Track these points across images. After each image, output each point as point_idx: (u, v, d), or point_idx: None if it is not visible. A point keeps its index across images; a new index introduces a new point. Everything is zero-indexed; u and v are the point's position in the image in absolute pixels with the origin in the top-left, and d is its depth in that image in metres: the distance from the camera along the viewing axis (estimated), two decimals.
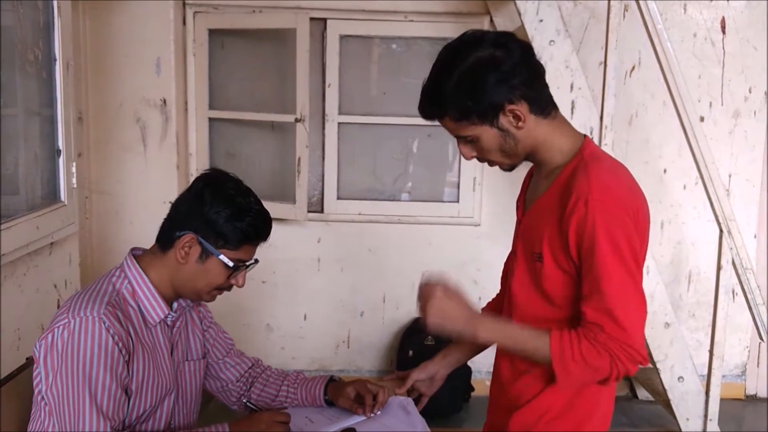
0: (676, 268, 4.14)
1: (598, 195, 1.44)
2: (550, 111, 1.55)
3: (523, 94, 1.48)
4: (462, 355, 1.97)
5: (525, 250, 1.61)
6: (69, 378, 1.56)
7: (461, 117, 1.51)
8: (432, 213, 4.17)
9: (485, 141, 1.53)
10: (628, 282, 1.46)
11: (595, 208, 1.44)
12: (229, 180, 1.75)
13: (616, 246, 1.44)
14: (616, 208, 1.45)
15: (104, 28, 3.67)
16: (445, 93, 1.50)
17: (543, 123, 1.53)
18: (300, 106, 3.79)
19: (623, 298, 1.45)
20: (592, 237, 1.44)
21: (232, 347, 2.02)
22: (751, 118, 4.02)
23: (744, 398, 4.28)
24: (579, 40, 3.83)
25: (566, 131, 1.58)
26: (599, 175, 1.48)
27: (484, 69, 1.47)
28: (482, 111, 1.49)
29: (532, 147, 1.55)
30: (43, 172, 2.69)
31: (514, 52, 1.48)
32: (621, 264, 1.45)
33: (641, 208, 1.51)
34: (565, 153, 1.56)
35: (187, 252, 1.70)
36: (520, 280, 1.62)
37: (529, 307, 1.60)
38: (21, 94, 2.57)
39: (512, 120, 1.50)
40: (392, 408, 1.94)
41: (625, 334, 1.44)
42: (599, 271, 1.45)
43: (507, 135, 1.52)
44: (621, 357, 1.45)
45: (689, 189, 4.05)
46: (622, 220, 1.45)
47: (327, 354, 4.24)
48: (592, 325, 1.46)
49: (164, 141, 3.81)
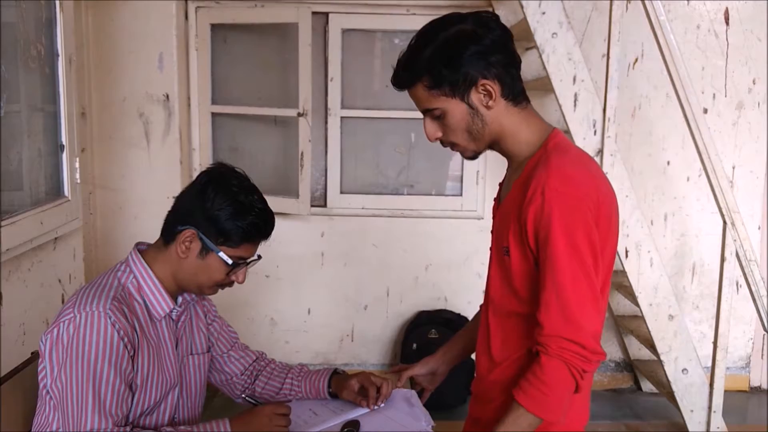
0: (680, 260, 4.14)
1: (555, 185, 1.43)
2: (521, 101, 1.55)
3: (497, 74, 1.49)
4: (463, 350, 1.98)
5: (497, 245, 1.61)
6: (73, 373, 1.57)
7: (434, 85, 1.50)
8: (435, 207, 4.17)
9: (453, 117, 1.52)
10: (580, 276, 1.44)
11: (552, 198, 1.43)
12: (233, 176, 1.74)
13: (572, 240, 1.43)
14: (574, 199, 1.44)
15: (107, 24, 3.67)
16: (422, 59, 1.50)
17: (513, 111, 1.54)
18: (302, 101, 3.79)
19: (575, 291, 1.43)
20: (547, 228, 1.43)
21: (237, 341, 2.03)
22: (754, 109, 4.01)
23: (748, 390, 4.28)
24: (582, 32, 3.82)
25: (534, 123, 1.57)
26: (559, 166, 1.47)
27: (465, 40, 1.47)
28: (455, 81, 1.48)
29: (498, 133, 1.55)
30: (46, 167, 2.70)
31: (495, 32, 1.49)
32: (575, 257, 1.43)
33: (604, 201, 1.49)
34: (532, 145, 1.56)
35: (188, 247, 1.70)
36: (493, 276, 1.62)
37: (503, 303, 1.60)
38: (24, 90, 2.58)
39: (483, 98, 1.50)
40: (396, 400, 1.94)
41: (574, 331, 1.43)
42: (553, 264, 1.43)
43: (476, 114, 1.51)
44: (574, 362, 1.43)
45: (693, 181, 4.04)
46: (580, 211, 1.44)
47: (331, 348, 4.25)
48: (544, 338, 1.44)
49: (167, 136, 3.81)
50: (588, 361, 1.44)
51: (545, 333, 1.45)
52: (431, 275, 4.18)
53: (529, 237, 1.47)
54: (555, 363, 1.44)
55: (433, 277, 4.18)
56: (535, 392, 1.46)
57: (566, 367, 1.44)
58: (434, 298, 4.19)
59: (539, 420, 1.48)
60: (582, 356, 1.44)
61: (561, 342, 1.43)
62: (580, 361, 1.44)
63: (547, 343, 1.44)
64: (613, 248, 1.56)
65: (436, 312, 4.10)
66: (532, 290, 1.52)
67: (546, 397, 1.46)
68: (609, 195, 1.54)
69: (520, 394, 1.48)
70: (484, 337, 1.67)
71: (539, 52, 3.13)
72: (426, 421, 1.84)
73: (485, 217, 4.12)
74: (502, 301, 1.60)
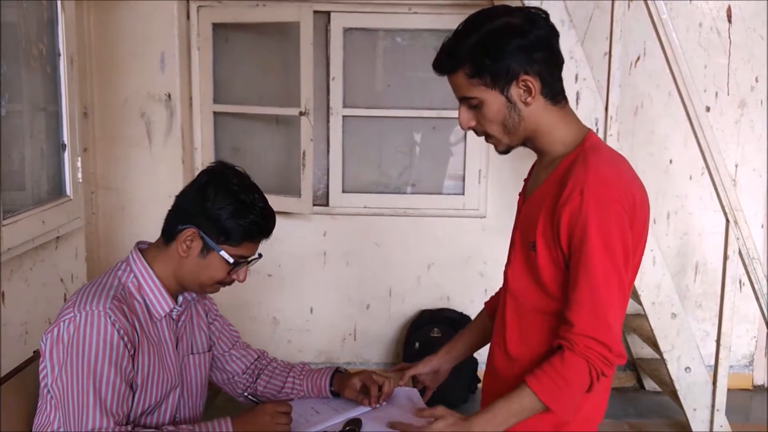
0: (682, 259, 4.13)
1: (594, 185, 1.43)
2: (560, 100, 1.55)
3: (539, 71, 1.49)
4: (465, 349, 1.98)
5: (522, 239, 1.61)
6: (74, 372, 1.57)
7: (475, 74, 1.50)
8: (437, 205, 4.17)
9: (490, 108, 1.52)
10: (613, 279, 1.45)
11: (590, 199, 1.43)
12: (233, 175, 1.74)
13: (608, 242, 1.43)
14: (611, 200, 1.44)
15: (108, 24, 3.68)
16: (466, 46, 1.50)
17: (551, 109, 1.53)
18: (304, 100, 3.79)
19: (607, 293, 1.44)
20: (584, 229, 1.43)
21: (238, 340, 2.03)
22: (757, 107, 4.00)
23: (751, 389, 4.26)
24: (583, 30, 3.82)
25: (571, 123, 1.58)
26: (597, 166, 1.47)
27: (511, 33, 1.48)
28: (497, 73, 1.48)
29: (533, 130, 1.55)
30: (48, 167, 2.70)
31: (542, 29, 1.50)
32: (610, 260, 1.44)
33: (638, 200, 1.50)
34: (568, 144, 1.55)
35: (189, 246, 1.70)
36: (516, 270, 1.62)
37: (526, 298, 1.60)
38: (26, 90, 2.58)
39: (522, 93, 1.49)
40: (398, 399, 1.94)
41: (604, 331, 1.44)
42: (588, 265, 1.44)
43: (513, 108, 1.51)
44: (597, 363, 1.44)
45: (695, 179, 4.03)
46: (617, 214, 1.44)
47: (333, 347, 4.25)
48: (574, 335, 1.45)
49: (169, 136, 3.82)
50: (609, 365, 1.46)
51: (575, 331, 1.45)
52: (433, 274, 4.18)
53: (561, 236, 1.47)
54: (578, 361, 1.45)
55: (436, 276, 4.18)
56: (550, 383, 1.47)
57: (587, 366, 1.45)
58: (436, 297, 4.19)
59: (544, 408, 1.48)
60: (606, 358, 1.45)
61: (589, 342, 1.44)
62: (602, 363, 1.45)
63: (575, 341, 1.45)
64: (644, 248, 1.57)
65: (439, 311, 4.10)
66: (560, 286, 1.52)
67: (561, 390, 1.46)
68: (643, 195, 1.54)
69: (533, 380, 1.48)
70: (500, 332, 1.67)
71: None
72: None
73: (487, 216, 4.12)
74: (524, 297, 1.60)
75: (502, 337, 1.66)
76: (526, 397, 1.48)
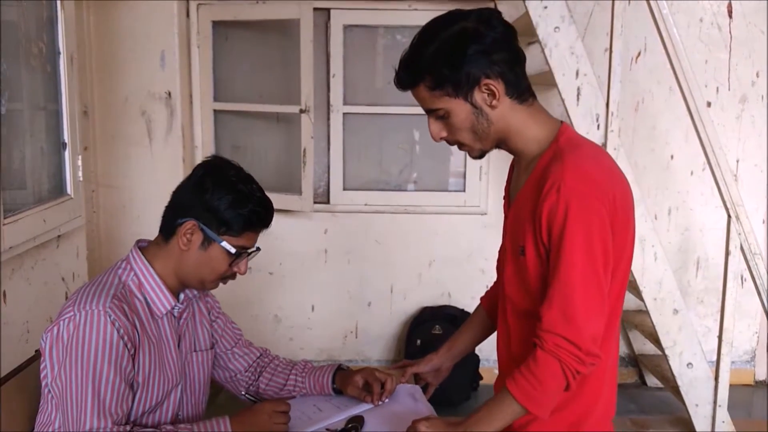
0: (684, 255, 4.13)
1: (571, 182, 1.41)
2: (527, 98, 1.52)
3: (501, 72, 1.47)
4: (466, 345, 1.98)
5: (512, 244, 1.59)
6: (73, 372, 1.57)
7: (436, 85, 1.47)
8: (438, 203, 4.17)
9: (457, 117, 1.50)
10: (590, 276, 1.42)
11: (568, 195, 1.40)
12: (230, 167, 1.75)
13: (586, 238, 1.41)
14: (590, 197, 1.41)
15: (108, 22, 3.67)
16: (423, 59, 1.47)
17: (518, 108, 1.51)
18: (305, 97, 3.78)
19: (582, 291, 1.41)
20: (562, 225, 1.41)
21: (241, 338, 2.03)
22: (758, 102, 4.00)
23: (753, 384, 4.27)
24: (584, 26, 3.81)
25: (542, 120, 1.55)
26: (575, 162, 1.44)
27: (467, 39, 1.45)
28: (458, 81, 1.46)
29: (504, 132, 1.53)
30: (49, 166, 2.70)
31: (498, 29, 1.47)
32: (587, 256, 1.41)
33: (618, 195, 1.47)
34: (542, 142, 1.53)
35: (189, 239, 1.70)
36: (509, 275, 1.60)
37: (520, 302, 1.59)
38: (26, 88, 2.58)
39: (487, 97, 1.47)
40: (400, 396, 1.95)
41: (573, 331, 1.41)
42: (564, 262, 1.41)
43: (480, 113, 1.49)
44: (568, 362, 1.42)
45: (696, 175, 4.03)
46: (596, 211, 1.41)
47: (335, 344, 4.25)
48: (543, 332, 1.43)
49: (170, 134, 3.81)
50: (582, 363, 1.42)
51: (543, 327, 1.43)
52: (435, 271, 4.18)
53: (542, 233, 1.45)
54: (550, 360, 1.43)
55: (437, 273, 4.18)
56: (525, 384, 1.45)
57: (559, 365, 1.43)
58: (438, 294, 4.19)
59: (524, 411, 1.47)
60: (577, 357, 1.42)
61: (558, 339, 1.42)
62: (575, 362, 1.42)
63: (544, 338, 1.43)
64: (632, 237, 1.55)
65: (440, 308, 4.10)
66: None
67: (535, 390, 1.45)
68: (625, 189, 1.52)
69: (512, 383, 1.47)
70: (505, 335, 1.67)
71: (542, 47, 3.12)
72: None
73: (488, 213, 4.12)
74: (519, 301, 1.59)
75: (507, 339, 1.65)
76: (506, 400, 1.47)
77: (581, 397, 1.57)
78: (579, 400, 1.57)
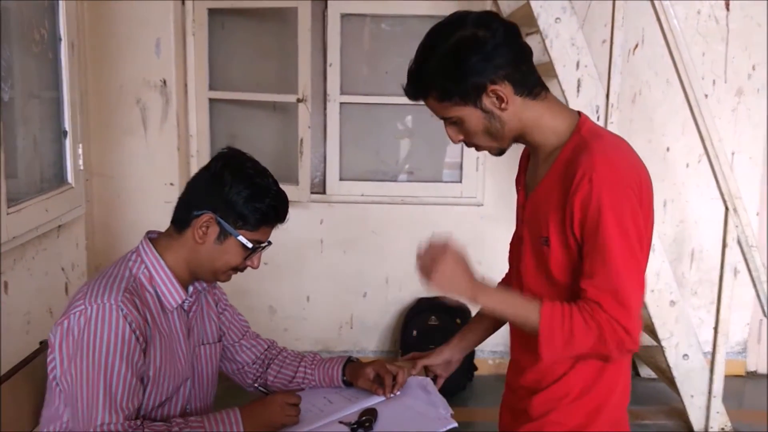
0: (679, 246, 4.15)
1: (602, 171, 1.42)
2: (539, 92, 1.52)
3: (506, 74, 1.46)
4: (477, 337, 1.98)
5: (532, 235, 1.59)
6: (84, 366, 1.55)
7: (443, 98, 1.49)
8: (435, 193, 4.16)
9: (470, 123, 1.51)
10: (631, 262, 1.44)
11: (600, 184, 1.41)
12: (247, 160, 1.75)
13: (622, 225, 1.42)
14: (621, 184, 1.43)
15: (103, 10, 3.61)
16: (427, 73, 1.48)
17: (532, 104, 1.51)
18: (302, 86, 3.75)
19: (628, 277, 1.43)
20: (597, 214, 1.42)
21: (248, 329, 2.02)
22: (754, 95, 4.02)
23: (745, 375, 4.31)
24: (582, 17, 3.80)
25: (558, 111, 1.55)
26: (603, 151, 1.46)
27: (466, 49, 1.45)
28: (464, 92, 1.47)
29: (520, 129, 1.53)
30: (50, 154, 2.67)
31: (497, 31, 1.46)
32: (626, 243, 1.43)
33: (645, 182, 1.49)
34: (561, 133, 1.54)
35: (205, 232, 1.68)
36: (529, 266, 1.61)
37: (541, 292, 1.58)
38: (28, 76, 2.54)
39: (495, 101, 1.48)
40: (412, 388, 1.94)
41: (626, 315, 1.41)
42: (604, 249, 1.42)
43: (492, 117, 1.50)
44: (608, 341, 1.42)
45: (692, 167, 4.05)
46: (627, 198, 1.43)
47: (330, 335, 4.25)
48: (592, 303, 1.43)
49: (165, 123, 3.77)
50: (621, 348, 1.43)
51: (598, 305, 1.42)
52: None
53: (574, 223, 1.45)
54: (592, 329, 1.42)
55: None
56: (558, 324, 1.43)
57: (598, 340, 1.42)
58: None
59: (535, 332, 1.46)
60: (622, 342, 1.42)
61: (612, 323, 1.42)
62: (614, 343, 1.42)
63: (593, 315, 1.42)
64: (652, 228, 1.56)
65: (436, 299, 4.09)
66: (571, 278, 1.51)
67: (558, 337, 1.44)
68: (648, 176, 1.53)
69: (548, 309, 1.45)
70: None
71: (542, 37, 3.12)
72: (444, 408, 1.83)
73: (485, 204, 4.12)
74: (539, 290, 1.58)
75: None
76: (532, 314, 1.46)
77: (600, 385, 1.58)
78: (597, 388, 1.58)
